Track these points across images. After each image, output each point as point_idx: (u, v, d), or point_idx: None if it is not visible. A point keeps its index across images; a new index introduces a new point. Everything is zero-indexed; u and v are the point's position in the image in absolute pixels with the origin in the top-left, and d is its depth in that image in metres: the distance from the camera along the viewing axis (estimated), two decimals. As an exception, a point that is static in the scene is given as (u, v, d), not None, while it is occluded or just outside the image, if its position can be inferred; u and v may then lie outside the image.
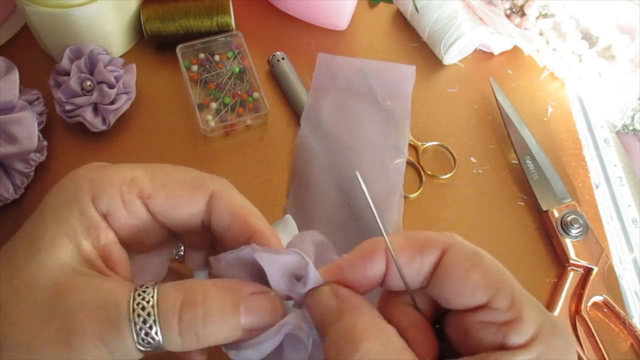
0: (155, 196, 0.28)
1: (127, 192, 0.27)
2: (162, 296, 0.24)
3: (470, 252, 0.25)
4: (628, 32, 0.55)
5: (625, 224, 0.52)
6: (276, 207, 0.51)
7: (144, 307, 0.24)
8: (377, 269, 0.26)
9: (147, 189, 0.28)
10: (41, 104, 0.52)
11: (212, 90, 0.56)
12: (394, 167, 0.53)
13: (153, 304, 0.24)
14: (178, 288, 0.25)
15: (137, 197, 0.28)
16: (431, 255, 0.25)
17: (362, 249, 0.26)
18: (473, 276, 0.24)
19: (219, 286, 0.26)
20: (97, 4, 0.51)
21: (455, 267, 0.24)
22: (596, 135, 0.57)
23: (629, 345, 0.46)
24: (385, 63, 0.60)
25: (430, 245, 0.25)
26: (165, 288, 0.25)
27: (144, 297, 0.24)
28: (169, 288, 0.25)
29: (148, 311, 0.24)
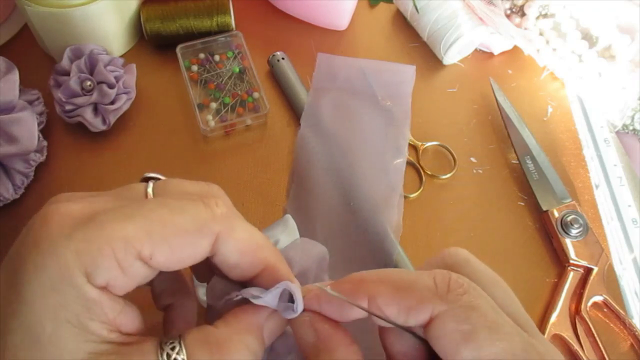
0: (156, 255, 0.24)
1: (124, 258, 0.24)
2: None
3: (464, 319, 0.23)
4: (628, 32, 0.55)
5: (625, 224, 0.52)
6: (276, 207, 0.51)
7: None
8: (357, 314, 0.25)
9: (147, 249, 0.24)
10: (41, 104, 0.52)
11: (212, 90, 0.56)
12: (394, 167, 0.53)
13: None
14: (208, 353, 0.24)
15: (135, 258, 0.24)
16: (418, 319, 0.24)
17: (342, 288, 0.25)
18: (461, 355, 0.22)
19: (242, 331, 0.25)
20: (97, 4, 0.51)
21: (443, 340, 0.23)
22: (596, 135, 0.57)
23: (629, 345, 0.46)
24: (385, 63, 0.60)
25: (418, 308, 0.23)
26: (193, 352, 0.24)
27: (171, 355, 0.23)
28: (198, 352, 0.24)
29: None
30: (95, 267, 0.23)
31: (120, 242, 0.23)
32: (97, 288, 0.23)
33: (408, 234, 0.50)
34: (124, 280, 0.24)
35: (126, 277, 0.24)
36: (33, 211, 0.26)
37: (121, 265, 0.24)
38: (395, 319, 0.24)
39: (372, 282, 0.24)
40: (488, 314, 0.23)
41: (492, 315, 0.23)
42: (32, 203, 0.49)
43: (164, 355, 0.23)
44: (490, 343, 0.22)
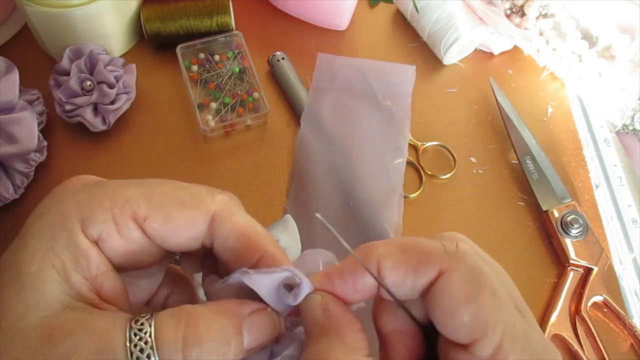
0: (151, 219, 0.25)
1: (120, 215, 0.25)
2: (160, 333, 0.22)
3: (470, 278, 0.23)
4: (628, 32, 0.55)
5: (625, 224, 0.52)
6: (276, 207, 0.51)
7: (143, 349, 0.22)
8: (368, 282, 0.25)
9: (143, 211, 0.25)
10: (41, 104, 0.52)
11: (212, 90, 0.56)
12: (394, 167, 0.53)
13: (152, 345, 0.22)
14: (177, 321, 0.23)
15: (131, 220, 0.25)
16: (425, 277, 0.24)
17: (351, 261, 0.25)
18: (462, 314, 0.23)
19: (218, 312, 0.24)
20: (97, 4, 0.51)
21: (446, 298, 0.23)
22: (596, 135, 0.57)
23: (629, 345, 0.46)
24: (385, 63, 0.60)
25: (426, 264, 0.24)
26: (162, 323, 0.23)
27: (141, 337, 0.22)
28: (166, 321, 0.23)
29: (147, 352, 0.22)
30: (91, 217, 0.24)
31: (119, 201, 0.25)
32: (89, 240, 0.24)
33: (408, 234, 0.50)
34: (117, 240, 0.25)
35: (119, 237, 0.25)
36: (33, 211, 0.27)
37: (116, 220, 0.25)
38: (403, 282, 0.24)
39: (380, 246, 0.25)
40: (494, 281, 0.23)
41: (496, 284, 0.23)
42: (32, 203, 0.49)
43: (133, 321, 0.23)
44: (492, 308, 0.22)
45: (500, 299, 0.23)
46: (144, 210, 0.25)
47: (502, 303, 0.23)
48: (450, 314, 0.23)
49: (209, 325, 0.23)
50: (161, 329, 0.23)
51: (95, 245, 0.25)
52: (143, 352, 0.22)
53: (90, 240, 0.24)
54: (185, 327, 0.23)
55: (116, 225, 0.25)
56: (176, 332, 0.23)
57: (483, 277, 0.23)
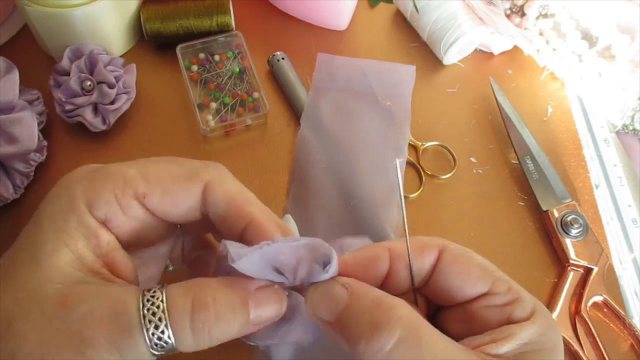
0: (150, 195, 0.27)
1: (122, 195, 0.27)
2: (171, 300, 0.24)
3: (463, 250, 0.28)
4: (628, 32, 0.55)
5: (625, 224, 0.52)
6: (276, 207, 0.51)
7: (155, 313, 0.24)
8: (382, 269, 0.28)
9: (142, 188, 0.27)
10: (41, 104, 0.52)
11: (212, 90, 0.56)
12: (394, 167, 0.53)
13: (163, 308, 0.24)
14: (186, 290, 0.25)
15: (133, 198, 0.27)
16: (430, 256, 0.28)
17: (368, 249, 0.28)
18: (473, 269, 0.27)
19: (226, 284, 0.26)
20: (97, 4, 0.51)
21: (456, 264, 0.27)
22: (596, 135, 0.57)
23: (629, 345, 0.46)
24: (385, 63, 0.60)
25: (427, 247, 0.28)
26: (173, 291, 0.25)
27: (153, 302, 0.24)
28: (177, 290, 0.25)
29: (159, 316, 0.24)
30: (97, 199, 0.26)
31: (120, 181, 0.27)
32: (97, 220, 0.26)
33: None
34: (122, 218, 0.27)
35: (123, 215, 0.27)
36: (33, 211, 0.27)
37: (119, 200, 0.27)
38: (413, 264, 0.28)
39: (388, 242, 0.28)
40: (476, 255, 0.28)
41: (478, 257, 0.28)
42: (32, 203, 0.49)
43: (145, 290, 0.25)
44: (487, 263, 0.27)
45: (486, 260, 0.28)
46: (142, 187, 0.27)
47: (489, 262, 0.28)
48: (465, 273, 0.27)
49: (216, 294, 0.25)
50: (172, 296, 0.24)
51: (104, 225, 0.27)
52: (155, 315, 0.24)
53: (98, 220, 0.26)
54: (194, 294, 0.25)
55: (120, 205, 0.27)
56: (185, 299, 0.24)
57: (469, 250, 0.28)
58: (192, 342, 0.24)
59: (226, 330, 0.25)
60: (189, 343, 0.24)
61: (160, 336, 0.24)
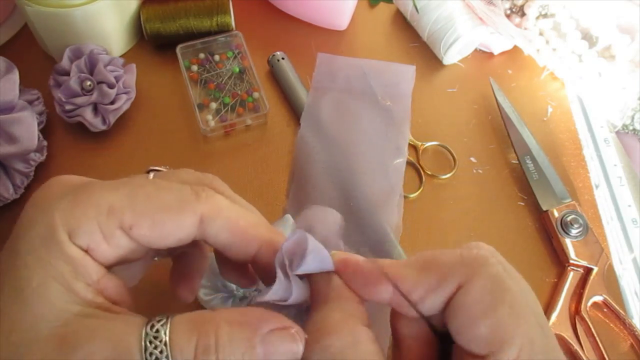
0: (138, 227, 0.25)
1: (106, 224, 0.24)
2: (174, 343, 0.22)
3: (488, 290, 0.23)
4: (628, 32, 0.55)
5: (625, 224, 0.52)
6: (276, 207, 0.51)
7: (158, 358, 0.22)
8: (382, 295, 0.25)
9: (128, 219, 0.25)
10: (41, 104, 0.52)
11: (212, 90, 0.56)
12: (394, 167, 0.53)
13: (167, 354, 0.22)
14: (190, 331, 0.23)
15: (117, 228, 0.25)
16: (445, 292, 0.24)
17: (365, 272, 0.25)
18: (479, 326, 0.22)
19: (236, 323, 0.23)
20: (97, 4, 0.51)
21: (464, 311, 0.23)
22: (596, 135, 0.57)
23: (629, 345, 0.46)
24: (385, 63, 0.60)
25: (447, 279, 0.24)
26: (176, 331, 0.23)
27: (157, 346, 0.22)
28: (181, 329, 0.23)
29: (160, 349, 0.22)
30: (78, 228, 0.24)
31: (103, 209, 0.24)
32: (80, 249, 0.24)
33: (408, 234, 0.50)
34: (106, 248, 0.25)
35: (108, 245, 0.25)
36: None
37: (103, 230, 0.24)
38: (422, 300, 0.24)
39: (396, 267, 0.25)
40: (514, 294, 0.23)
41: (516, 295, 0.23)
42: (32, 203, 0.49)
43: (149, 326, 0.23)
44: (510, 321, 0.22)
45: (520, 312, 0.22)
46: (129, 218, 0.25)
47: (522, 317, 0.22)
48: (468, 325, 0.23)
49: (220, 335, 0.23)
50: (175, 337, 0.23)
51: (87, 253, 0.25)
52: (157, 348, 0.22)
53: (81, 249, 0.24)
54: (198, 336, 0.23)
55: (103, 235, 0.25)
56: (189, 342, 0.22)
57: (502, 289, 0.23)
58: None
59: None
60: None
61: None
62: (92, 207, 0.24)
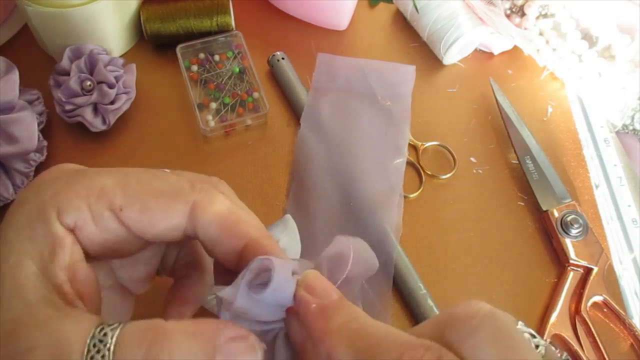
0: (128, 209, 0.25)
1: (96, 203, 0.24)
2: (120, 350, 0.21)
3: None
4: (628, 32, 0.55)
5: (625, 224, 0.52)
6: (276, 207, 0.51)
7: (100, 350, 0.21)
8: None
9: (119, 200, 0.25)
10: (41, 104, 0.52)
11: (212, 90, 0.56)
12: (394, 167, 0.53)
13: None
14: (140, 340, 0.21)
15: (107, 209, 0.24)
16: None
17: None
18: None
19: (191, 334, 0.22)
20: (97, 4, 0.51)
21: None
22: (596, 135, 0.57)
23: (629, 345, 0.46)
24: (385, 63, 0.60)
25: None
26: (124, 338, 0.21)
27: (99, 350, 0.21)
28: (129, 338, 0.21)
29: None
30: (67, 205, 0.24)
31: (95, 189, 0.24)
32: (65, 228, 0.24)
33: (408, 234, 0.50)
34: (92, 228, 0.25)
35: (96, 227, 0.25)
36: None
37: (91, 209, 0.24)
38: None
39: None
40: None
41: None
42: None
43: (98, 329, 0.22)
44: None
45: None
46: (120, 199, 0.25)
47: None
48: None
49: (175, 349, 0.21)
50: (123, 345, 0.21)
51: (72, 233, 0.24)
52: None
53: (66, 228, 0.24)
54: (147, 347, 0.21)
55: (92, 214, 0.24)
56: (137, 351, 0.21)
57: None
58: None
59: None
60: None
61: None
62: (84, 187, 0.24)
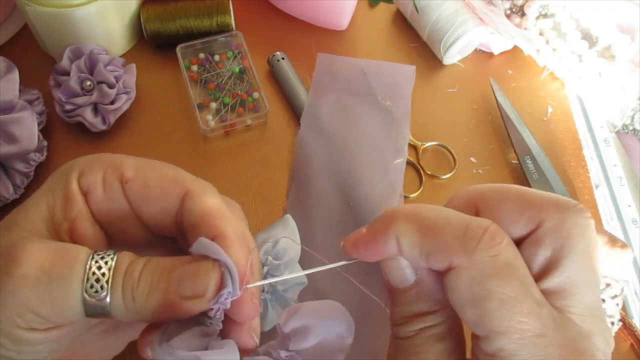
0: (132, 182, 0.29)
1: (110, 173, 0.29)
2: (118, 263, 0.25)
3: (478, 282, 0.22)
4: (628, 32, 0.55)
5: (625, 224, 0.52)
6: (276, 207, 0.51)
7: (101, 267, 0.25)
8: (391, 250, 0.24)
9: (128, 174, 0.29)
10: (41, 104, 0.52)
11: (212, 90, 0.56)
12: (394, 167, 0.53)
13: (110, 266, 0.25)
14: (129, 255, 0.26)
15: (117, 180, 0.28)
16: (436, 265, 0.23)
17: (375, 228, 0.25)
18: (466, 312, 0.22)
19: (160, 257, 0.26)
20: (98, 4, 0.51)
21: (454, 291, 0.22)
22: (596, 135, 0.57)
23: (629, 345, 0.46)
24: (385, 63, 0.60)
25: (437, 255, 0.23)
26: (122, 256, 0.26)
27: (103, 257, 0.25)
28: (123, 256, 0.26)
29: (103, 271, 0.25)
30: (87, 171, 0.28)
31: (115, 164, 0.29)
32: (79, 188, 0.28)
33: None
34: (100, 194, 0.29)
35: (103, 192, 0.29)
36: None
37: (105, 178, 0.29)
38: (418, 261, 0.24)
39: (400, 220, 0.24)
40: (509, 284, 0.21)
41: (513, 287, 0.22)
42: (32, 203, 0.49)
43: (97, 254, 0.26)
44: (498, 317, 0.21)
45: (511, 303, 0.21)
46: (129, 173, 0.29)
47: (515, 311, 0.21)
48: (457, 306, 0.23)
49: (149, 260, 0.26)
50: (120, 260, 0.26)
51: (84, 195, 0.28)
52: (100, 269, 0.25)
53: (81, 189, 0.28)
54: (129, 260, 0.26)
55: (103, 181, 0.29)
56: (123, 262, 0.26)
57: (496, 281, 0.22)
58: (121, 303, 0.25)
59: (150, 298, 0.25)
60: (117, 301, 0.25)
61: (98, 289, 0.24)
62: (107, 160, 0.29)
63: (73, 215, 0.28)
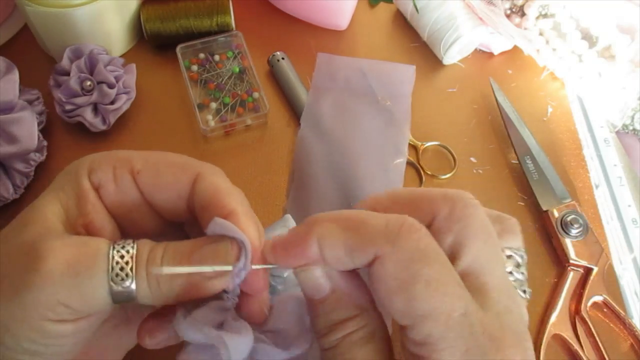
0: (143, 172, 0.29)
1: (120, 166, 0.29)
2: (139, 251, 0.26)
3: (403, 266, 0.23)
4: (628, 32, 0.55)
5: (625, 224, 0.52)
6: (276, 207, 0.51)
7: (123, 256, 0.25)
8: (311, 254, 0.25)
9: (138, 165, 0.29)
10: (41, 104, 0.52)
11: (212, 90, 0.56)
12: (394, 167, 0.53)
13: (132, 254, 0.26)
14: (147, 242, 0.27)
15: (128, 172, 0.29)
16: (361, 260, 0.24)
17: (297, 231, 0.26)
18: (393, 301, 0.23)
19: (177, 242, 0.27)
20: (98, 4, 0.51)
21: (380, 284, 0.23)
22: (596, 135, 0.57)
23: (629, 345, 0.46)
24: (385, 63, 0.60)
25: (361, 248, 0.23)
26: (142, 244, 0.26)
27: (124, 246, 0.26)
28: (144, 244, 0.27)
29: (127, 260, 0.25)
30: (97, 167, 0.29)
31: (120, 160, 0.29)
32: (91, 184, 0.29)
33: (408, 234, 0.50)
34: (113, 188, 0.29)
35: (114, 185, 0.29)
36: None
37: (115, 172, 0.29)
38: (342, 260, 0.24)
39: (323, 222, 0.25)
40: (433, 266, 0.23)
41: (437, 269, 0.23)
42: (32, 203, 0.49)
43: (117, 244, 0.26)
44: (425, 298, 0.22)
45: (438, 287, 0.22)
46: (139, 165, 0.29)
47: (440, 291, 0.22)
48: (384, 298, 0.23)
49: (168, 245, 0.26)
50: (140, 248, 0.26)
51: (96, 190, 0.29)
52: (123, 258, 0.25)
53: (92, 185, 0.28)
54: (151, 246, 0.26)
55: (114, 175, 0.29)
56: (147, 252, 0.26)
57: (420, 264, 0.23)
58: (147, 289, 0.25)
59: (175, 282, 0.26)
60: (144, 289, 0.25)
61: (123, 277, 0.25)
62: (115, 156, 0.29)
63: (88, 210, 0.28)
